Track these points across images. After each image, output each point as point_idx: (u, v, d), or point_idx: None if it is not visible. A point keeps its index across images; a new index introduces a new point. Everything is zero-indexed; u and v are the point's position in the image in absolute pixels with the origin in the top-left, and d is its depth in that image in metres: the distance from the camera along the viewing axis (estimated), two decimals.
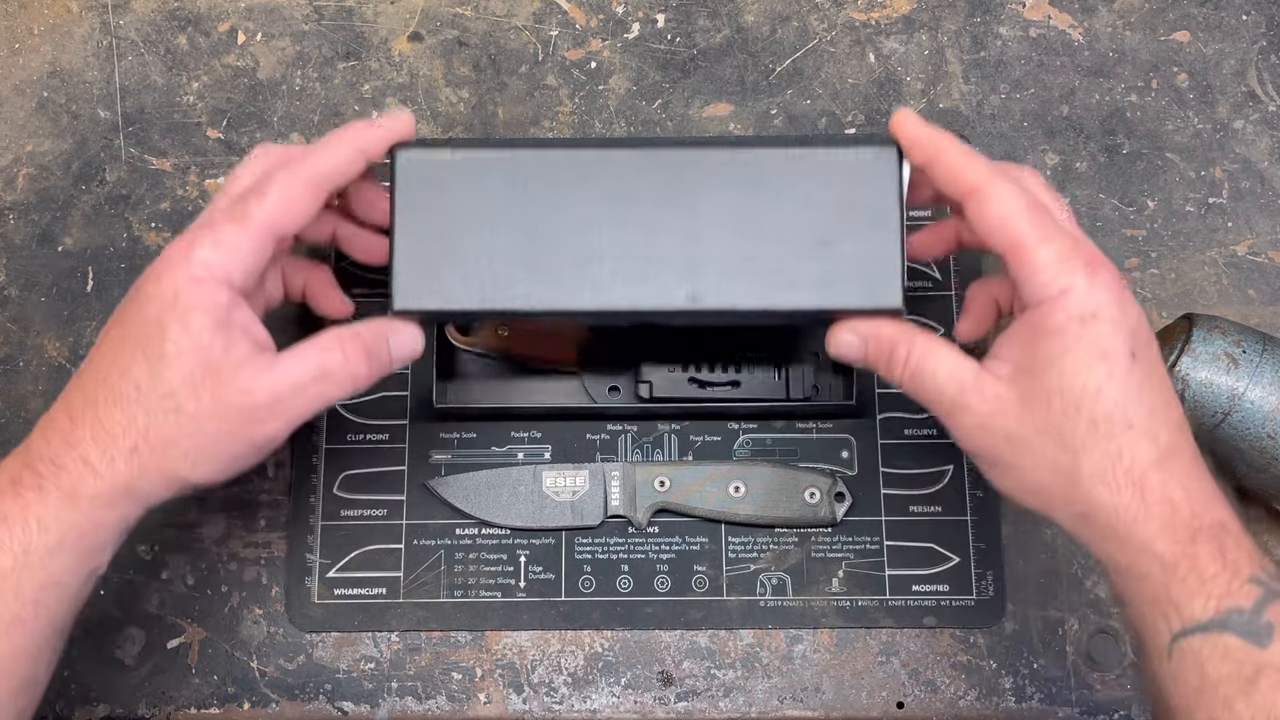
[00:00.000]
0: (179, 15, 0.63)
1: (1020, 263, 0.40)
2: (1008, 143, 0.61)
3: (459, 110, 0.62)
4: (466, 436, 0.57)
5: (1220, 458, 0.48)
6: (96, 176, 0.61)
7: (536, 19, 0.63)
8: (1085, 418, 0.39)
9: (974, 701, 0.55)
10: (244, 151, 0.61)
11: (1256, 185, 0.60)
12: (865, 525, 0.56)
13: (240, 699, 0.55)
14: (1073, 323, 0.39)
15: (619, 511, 0.56)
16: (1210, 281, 0.59)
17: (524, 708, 0.55)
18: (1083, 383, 0.39)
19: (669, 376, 0.56)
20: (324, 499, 0.56)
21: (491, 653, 0.55)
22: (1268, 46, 0.62)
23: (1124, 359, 0.39)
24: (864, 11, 0.63)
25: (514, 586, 0.56)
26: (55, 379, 0.58)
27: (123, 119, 0.62)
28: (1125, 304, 0.40)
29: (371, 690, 0.55)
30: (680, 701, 0.55)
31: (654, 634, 0.55)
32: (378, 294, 0.59)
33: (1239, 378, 0.47)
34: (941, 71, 0.62)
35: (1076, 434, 0.39)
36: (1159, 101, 0.61)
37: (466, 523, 0.56)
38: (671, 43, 0.63)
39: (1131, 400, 0.39)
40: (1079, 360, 0.39)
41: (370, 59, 0.62)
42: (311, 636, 0.55)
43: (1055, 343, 0.39)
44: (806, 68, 0.62)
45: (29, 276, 0.60)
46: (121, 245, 0.60)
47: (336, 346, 0.44)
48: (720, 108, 0.62)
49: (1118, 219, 0.60)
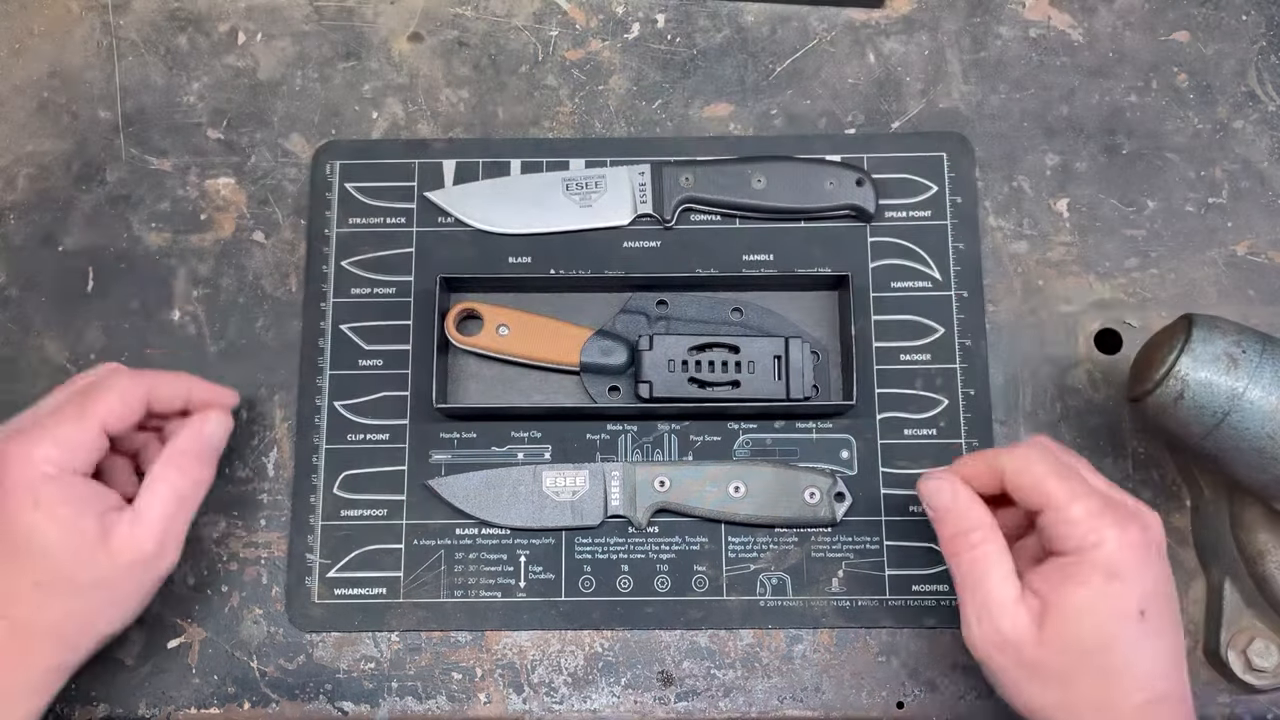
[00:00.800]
0: (179, 15, 0.63)
1: (1053, 519, 0.45)
2: (1008, 143, 0.61)
3: (459, 110, 0.62)
4: (466, 436, 0.57)
5: (1220, 458, 0.48)
6: (97, 177, 0.61)
7: (536, 19, 0.63)
8: (1095, 664, 0.44)
9: (974, 701, 0.55)
10: (244, 151, 0.61)
11: (1256, 185, 0.60)
12: (865, 525, 0.56)
13: (240, 699, 0.55)
14: (1098, 576, 0.44)
15: (619, 511, 0.56)
16: (1210, 281, 0.59)
17: (524, 708, 0.55)
18: (1099, 639, 0.44)
19: (669, 376, 0.56)
20: (324, 499, 0.56)
21: (491, 653, 0.55)
22: (1268, 46, 0.62)
23: (1134, 619, 0.44)
24: (864, 11, 0.63)
25: (514, 586, 0.56)
26: (55, 379, 0.58)
27: (123, 119, 0.62)
28: (1147, 564, 0.45)
29: (371, 690, 0.55)
30: (680, 701, 0.55)
31: (654, 634, 0.55)
32: (378, 295, 0.59)
33: (1239, 378, 0.47)
34: (941, 71, 0.62)
35: (1084, 677, 0.44)
36: (1159, 101, 0.61)
37: (466, 523, 0.56)
38: (671, 43, 0.63)
39: (1135, 655, 0.44)
40: (1099, 620, 0.44)
41: (370, 59, 0.62)
42: (311, 636, 0.55)
43: (1082, 594, 0.44)
44: (806, 68, 0.62)
45: (29, 276, 0.60)
46: (121, 245, 0.60)
47: (174, 470, 0.49)
48: (720, 108, 0.62)
49: (1118, 219, 0.60)
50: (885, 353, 0.58)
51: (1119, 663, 0.44)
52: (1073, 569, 0.44)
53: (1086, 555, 0.44)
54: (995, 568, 0.46)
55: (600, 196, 0.59)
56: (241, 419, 0.57)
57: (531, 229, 0.59)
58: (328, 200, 0.60)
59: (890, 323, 0.58)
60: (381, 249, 0.59)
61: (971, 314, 0.58)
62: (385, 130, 0.61)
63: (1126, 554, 0.44)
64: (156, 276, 0.59)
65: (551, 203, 0.59)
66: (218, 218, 0.60)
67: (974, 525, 0.47)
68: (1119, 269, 0.59)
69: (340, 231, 0.59)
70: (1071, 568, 0.44)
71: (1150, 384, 0.48)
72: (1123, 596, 0.44)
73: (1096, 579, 0.44)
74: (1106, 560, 0.44)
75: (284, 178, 0.61)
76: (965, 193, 0.60)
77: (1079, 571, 0.44)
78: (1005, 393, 0.58)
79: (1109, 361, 0.58)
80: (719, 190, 0.59)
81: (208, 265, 0.60)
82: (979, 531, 0.46)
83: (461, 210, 0.59)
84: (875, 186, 0.59)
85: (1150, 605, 0.44)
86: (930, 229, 0.59)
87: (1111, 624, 0.44)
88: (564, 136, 0.61)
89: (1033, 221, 0.60)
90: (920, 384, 0.57)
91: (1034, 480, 0.46)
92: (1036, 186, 0.60)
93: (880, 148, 0.60)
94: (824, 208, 0.59)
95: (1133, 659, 0.44)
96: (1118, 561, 0.44)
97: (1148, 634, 0.44)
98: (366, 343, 0.58)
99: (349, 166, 0.60)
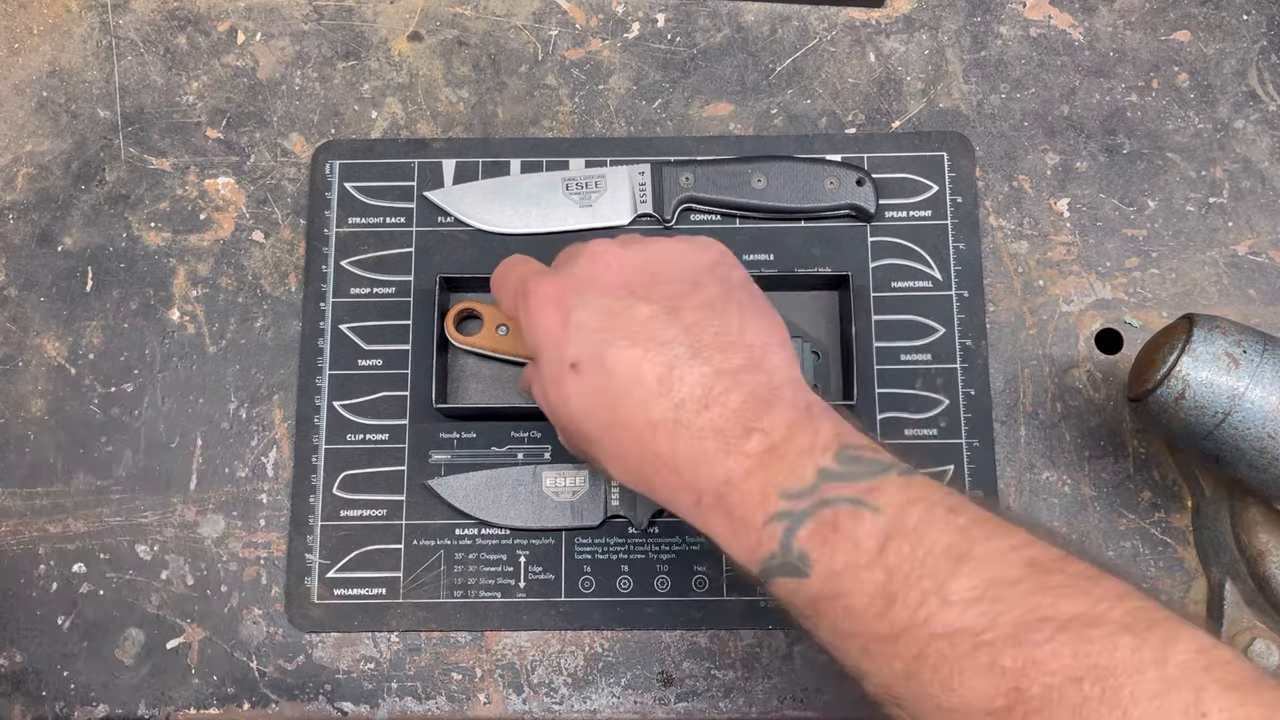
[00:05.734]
0: (178, 15, 0.63)
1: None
2: (1008, 142, 0.61)
3: (459, 110, 0.62)
4: (466, 436, 0.57)
5: (1221, 458, 0.48)
6: (96, 176, 0.61)
7: (536, 19, 0.63)
8: (603, 441, 0.43)
9: None
10: (244, 151, 0.61)
11: (1257, 185, 0.60)
12: None
13: (240, 699, 0.55)
14: (537, 365, 0.45)
15: (619, 511, 0.56)
16: (1211, 281, 0.59)
17: (524, 708, 0.55)
18: (574, 423, 0.44)
19: None
20: (324, 499, 0.56)
21: (491, 653, 0.55)
22: (1268, 46, 0.62)
23: (571, 377, 0.43)
24: (864, 11, 0.63)
25: (514, 587, 0.56)
26: (55, 379, 0.58)
27: (122, 119, 0.62)
28: (536, 323, 0.44)
29: (371, 690, 0.55)
30: (680, 702, 0.55)
31: (654, 634, 0.55)
32: (377, 294, 0.59)
33: (1239, 377, 0.47)
34: (942, 71, 0.62)
35: (599, 448, 0.44)
36: (1159, 101, 0.61)
37: (466, 523, 0.56)
38: (671, 42, 0.63)
39: (578, 406, 0.43)
40: (568, 407, 0.43)
41: (370, 59, 0.62)
42: (311, 636, 0.55)
43: (539, 391, 0.45)
44: (806, 67, 0.62)
45: (29, 276, 0.60)
46: (121, 245, 0.60)
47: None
48: (720, 107, 0.62)
49: (1118, 219, 0.60)
50: (885, 353, 0.58)
51: (603, 429, 0.42)
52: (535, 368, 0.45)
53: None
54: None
55: (600, 196, 0.59)
56: (241, 419, 0.57)
57: (531, 229, 0.59)
58: (327, 200, 0.60)
59: (890, 322, 0.58)
60: (381, 249, 0.59)
61: (972, 314, 0.58)
62: (385, 130, 0.61)
63: (532, 331, 0.44)
64: (156, 276, 0.59)
65: (551, 202, 0.59)
66: (217, 217, 0.60)
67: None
68: (1119, 269, 0.59)
69: (340, 231, 0.59)
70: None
71: (1151, 384, 0.48)
72: (551, 369, 0.43)
73: (539, 368, 0.44)
74: (531, 348, 0.44)
75: (283, 177, 0.61)
76: (965, 192, 0.60)
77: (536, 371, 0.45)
78: (1005, 393, 0.58)
79: (1109, 361, 0.58)
80: (719, 190, 0.59)
81: (207, 265, 0.60)
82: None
83: (461, 210, 0.59)
84: (875, 186, 0.59)
85: (574, 358, 0.42)
86: (930, 229, 0.59)
87: (566, 404, 0.43)
88: (564, 136, 0.61)
89: (1033, 221, 0.60)
90: (920, 384, 0.57)
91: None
92: (1037, 186, 0.60)
93: (880, 147, 0.60)
94: (824, 207, 0.59)
95: (589, 407, 0.42)
96: (531, 343, 0.44)
97: (581, 383, 0.42)
98: (366, 342, 0.58)
99: (348, 166, 0.60)
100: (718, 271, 0.44)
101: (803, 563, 0.37)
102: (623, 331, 0.41)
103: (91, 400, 0.58)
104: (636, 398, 0.40)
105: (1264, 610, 0.53)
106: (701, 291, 0.43)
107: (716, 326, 0.42)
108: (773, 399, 0.40)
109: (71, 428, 0.57)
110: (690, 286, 0.43)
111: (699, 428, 0.39)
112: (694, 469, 0.40)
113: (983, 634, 0.33)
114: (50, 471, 0.57)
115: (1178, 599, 0.55)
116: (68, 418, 0.58)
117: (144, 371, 0.58)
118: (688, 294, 0.43)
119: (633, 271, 0.44)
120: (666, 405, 0.40)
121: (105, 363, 0.58)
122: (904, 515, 0.36)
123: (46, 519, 0.57)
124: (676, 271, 0.44)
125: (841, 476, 0.38)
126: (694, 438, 0.39)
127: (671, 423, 0.40)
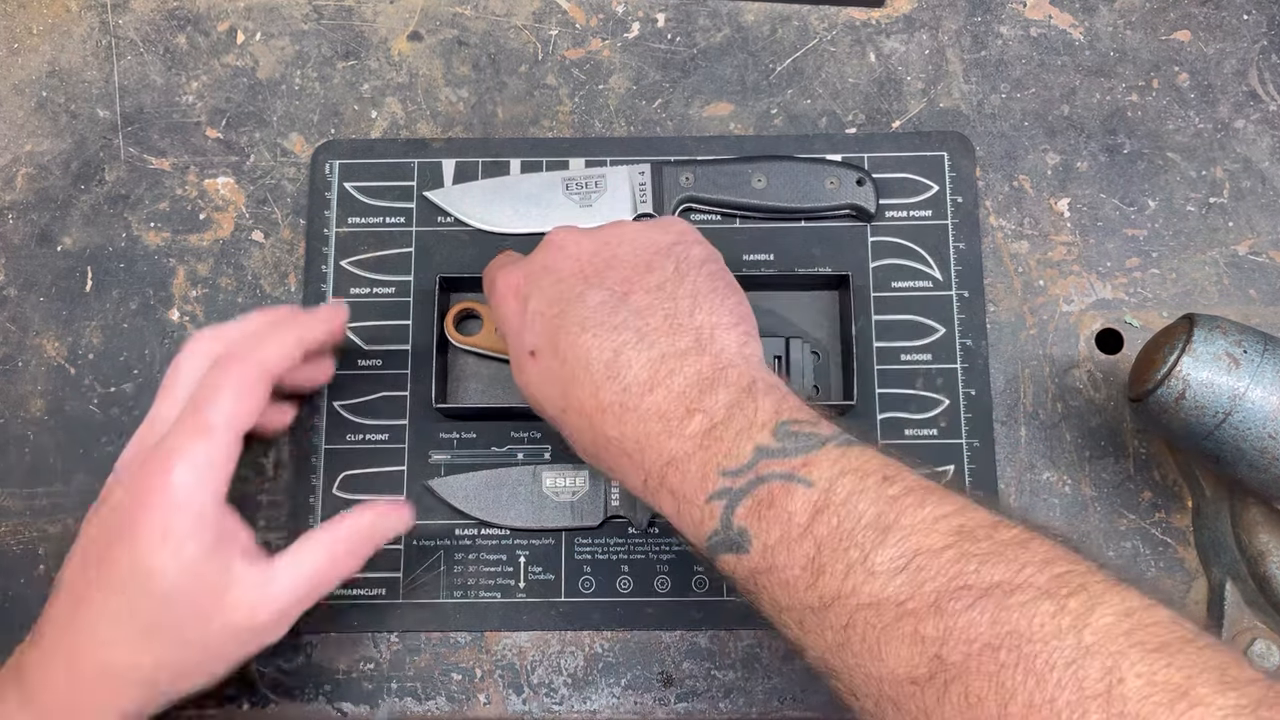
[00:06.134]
0: (178, 15, 0.63)
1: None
2: (1008, 142, 0.61)
3: (459, 110, 0.62)
4: (466, 436, 0.57)
5: (1221, 458, 0.48)
6: (95, 176, 0.61)
7: (536, 19, 0.63)
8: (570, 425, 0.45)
9: None
10: (243, 151, 0.61)
11: (1257, 185, 0.60)
12: None
13: (240, 699, 0.55)
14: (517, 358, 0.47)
15: (619, 512, 0.56)
16: (1211, 281, 0.59)
17: (524, 708, 0.55)
18: (544, 404, 0.46)
19: None
20: (324, 499, 0.56)
21: (491, 653, 0.55)
22: (1269, 46, 0.62)
23: (530, 364, 0.45)
24: (864, 11, 0.63)
25: (514, 587, 0.56)
26: (54, 379, 0.58)
27: (122, 119, 0.62)
28: (506, 311, 0.47)
29: (371, 691, 0.55)
30: (680, 702, 0.55)
31: (654, 634, 0.55)
32: (377, 294, 0.59)
33: (1240, 378, 0.47)
34: (942, 71, 0.62)
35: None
36: (1160, 101, 0.61)
37: (466, 523, 0.56)
38: (671, 42, 0.63)
39: (547, 388, 0.45)
40: (535, 393, 0.46)
41: (370, 58, 0.62)
42: (311, 637, 0.55)
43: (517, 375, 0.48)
44: (807, 67, 0.62)
45: (28, 276, 0.59)
46: (120, 245, 0.60)
47: (326, 555, 0.46)
48: (720, 107, 0.61)
49: (1119, 219, 0.60)
50: (886, 353, 0.58)
51: (573, 409, 0.43)
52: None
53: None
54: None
55: (600, 196, 0.59)
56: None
57: (531, 228, 0.59)
58: (327, 200, 0.60)
59: (891, 322, 0.58)
60: (381, 249, 0.59)
61: (972, 314, 0.58)
62: (385, 130, 0.61)
63: (499, 321, 0.46)
64: (155, 276, 0.59)
65: (551, 202, 0.59)
66: (217, 217, 0.60)
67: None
68: (1120, 269, 0.59)
69: (339, 231, 0.59)
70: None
71: (1151, 384, 0.48)
72: (515, 357, 0.45)
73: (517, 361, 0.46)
74: (501, 336, 0.46)
75: (283, 177, 0.61)
76: (966, 192, 0.60)
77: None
78: (1006, 393, 0.58)
79: (1109, 361, 0.58)
80: (719, 190, 0.59)
81: (207, 265, 0.59)
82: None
83: (461, 210, 0.59)
84: (876, 186, 0.59)
85: (531, 345, 0.44)
86: (931, 229, 0.59)
87: (528, 389, 0.45)
88: (564, 136, 0.61)
89: (1033, 221, 0.60)
90: (921, 384, 0.57)
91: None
92: (1037, 186, 0.60)
93: (881, 147, 0.60)
94: (824, 207, 0.59)
95: (547, 392, 0.44)
96: (500, 332, 0.46)
97: (539, 368, 0.44)
98: (366, 342, 0.58)
99: (348, 166, 0.60)
100: (675, 251, 0.45)
101: (742, 538, 0.38)
102: (574, 318, 0.42)
103: (91, 400, 0.58)
104: (586, 382, 0.41)
105: (1264, 610, 0.53)
106: (654, 274, 0.43)
107: (667, 309, 0.42)
108: (716, 379, 0.41)
109: (71, 428, 0.57)
110: (644, 269, 0.44)
111: (644, 410, 0.40)
112: (641, 450, 0.40)
113: (905, 603, 0.34)
114: (50, 471, 0.57)
115: (1178, 599, 0.55)
116: (67, 418, 0.58)
117: (144, 371, 0.58)
118: (639, 277, 0.43)
119: (589, 256, 0.44)
120: (615, 389, 0.41)
121: (105, 363, 0.58)
122: (834, 487, 0.37)
123: (46, 519, 0.57)
124: (632, 254, 0.44)
125: (778, 453, 0.38)
126: (639, 420, 0.40)
127: (619, 406, 0.41)
